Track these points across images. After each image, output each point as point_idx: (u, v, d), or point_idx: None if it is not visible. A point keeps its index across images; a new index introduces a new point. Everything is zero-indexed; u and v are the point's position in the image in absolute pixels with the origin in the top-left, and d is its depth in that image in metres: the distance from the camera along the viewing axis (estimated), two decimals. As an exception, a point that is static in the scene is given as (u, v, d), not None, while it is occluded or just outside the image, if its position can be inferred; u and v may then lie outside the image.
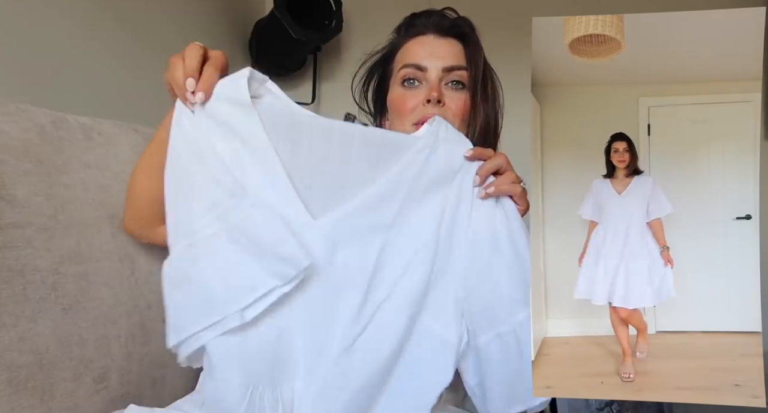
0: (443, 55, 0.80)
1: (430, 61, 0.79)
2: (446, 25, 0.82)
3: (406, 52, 0.83)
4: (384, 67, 0.88)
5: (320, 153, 0.66)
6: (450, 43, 0.81)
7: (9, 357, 0.57)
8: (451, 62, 0.80)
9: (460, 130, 0.74)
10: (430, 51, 0.80)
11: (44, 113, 0.71)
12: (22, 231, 0.61)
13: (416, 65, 0.80)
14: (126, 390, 0.72)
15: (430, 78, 0.79)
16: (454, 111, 0.78)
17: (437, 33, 0.82)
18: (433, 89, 0.78)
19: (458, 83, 0.80)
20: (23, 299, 0.60)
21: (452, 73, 0.80)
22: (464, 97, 0.80)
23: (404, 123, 0.80)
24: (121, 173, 0.80)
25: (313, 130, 0.66)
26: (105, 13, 1.17)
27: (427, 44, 0.81)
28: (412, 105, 0.79)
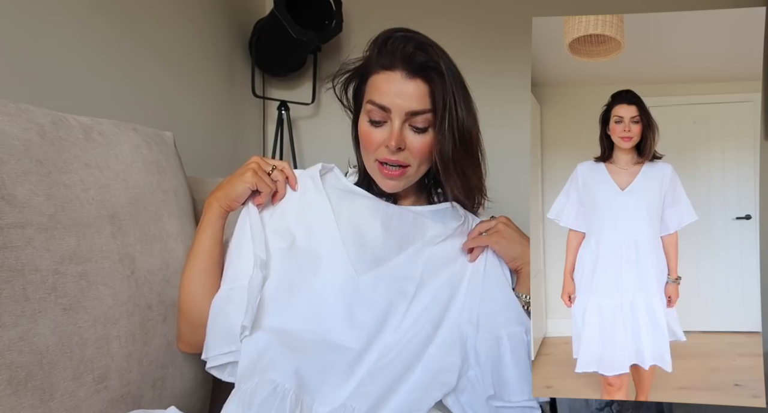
0: (408, 98, 0.79)
1: (394, 104, 0.79)
2: (416, 64, 0.80)
3: (374, 86, 0.82)
4: (360, 80, 0.88)
5: (367, 226, 0.84)
6: (416, 86, 0.80)
7: (9, 357, 0.57)
8: (415, 106, 0.79)
9: (421, 167, 0.85)
10: (396, 91, 0.80)
11: (44, 113, 0.71)
12: (22, 231, 0.61)
13: (380, 106, 0.80)
14: (126, 390, 0.72)
15: (393, 121, 0.80)
16: (414, 153, 0.82)
17: (406, 71, 0.80)
18: (392, 137, 0.79)
19: (421, 129, 0.81)
20: (23, 299, 0.60)
21: (416, 117, 0.80)
22: (426, 138, 0.81)
23: (368, 158, 0.85)
24: (121, 173, 0.80)
25: (363, 207, 0.86)
26: (105, 14, 1.17)
27: (394, 83, 0.80)
28: (376, 143, 0.82)
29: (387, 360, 0.74)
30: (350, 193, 0.88)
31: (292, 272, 0.80)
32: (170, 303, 0.84)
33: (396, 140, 0.79)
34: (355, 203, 0.87)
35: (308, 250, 0.82)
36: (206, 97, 1.69)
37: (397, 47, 0.81)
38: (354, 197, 0.87)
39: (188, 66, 1.57)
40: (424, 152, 0.82)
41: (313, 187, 0.87)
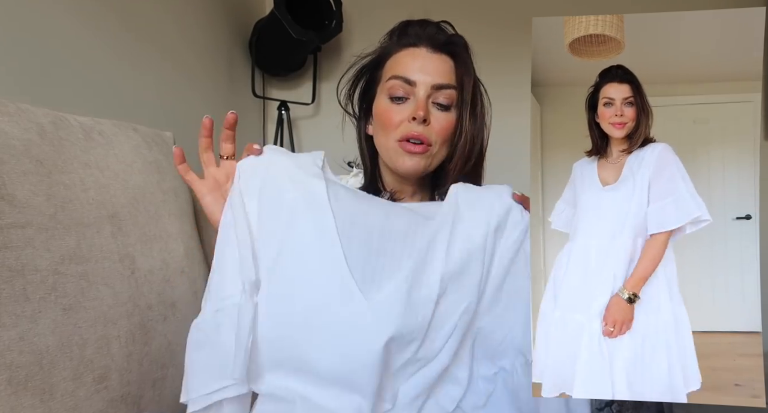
0: (433, 72, 0.79)
1: (420, 76, 0.79)
2: (440, 40, 0.81)
3: (397, 62, 0.82)
4: (372, 73, 0.87)
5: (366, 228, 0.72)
6: (442, 60, 0.80)
7: (9, 357, 0.57)
8: (440, 80, 0.79)
9: (441, 149, 0.80)
10: (421, 65, 0.79)
11: (44, 113, 0.71)
12: (22, 231, 0.61)
13: (405, 79, 0.79)
14: (126, 390, 0.72)
15: (418, 94, 0.79)
16: (437, 131, 0.79)
17: (430, 47, 0.80)
18: (419, 108, 0.78)
19: (444, 106, 0.80)
20: (23, 299, 0.60)
21: (441, 91, 0.79)
22: (450, 117, 0.80)
23: (388, 138, 0.81)
24: (121, 173, 0.80)
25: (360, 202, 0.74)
26: (105, 13, 1.17)
27: (419, 58, 0.80)
28: (397, 120, 0.79)
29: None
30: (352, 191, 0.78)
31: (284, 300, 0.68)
32: (170, 303, 0.84)
33: (424, 111, 0.77)
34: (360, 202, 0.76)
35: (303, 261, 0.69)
36: (206, 98, 1.69)
37: (420, 29, 0.82)
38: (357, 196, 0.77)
39: (188, 66, 1.57)
40: (446, 130, 0.80)
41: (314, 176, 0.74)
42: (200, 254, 0.98)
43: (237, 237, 0.69)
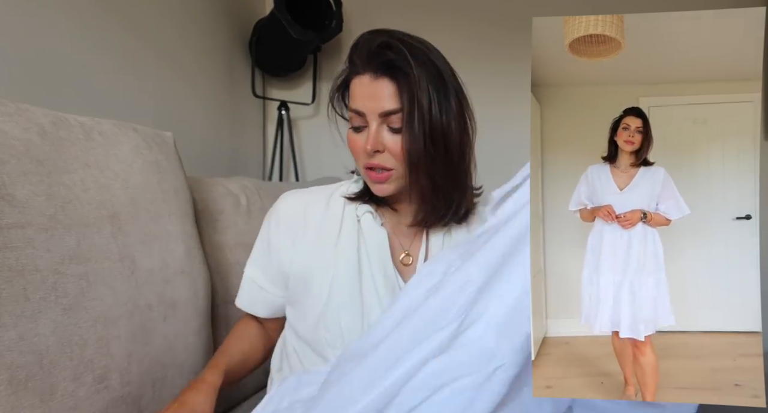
0: (378, 99, 0.79)
1: (366, 107, 0.80)
2: (381, 63, 0.79)
3: (352, 92, 0.83)
4: (345, 88, 0.88)
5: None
6: (382, 86, 0.79)
7: (9, 357, 0.57)
8: (384, 106, 0.79)
9: (401, 168, 0.81)
10: (366, 94, 0.80)
11: (44, 113, 0.71)
12: (22, 231, 0.61)
13: (356, 111, 0.81)
14: (126, 390, 0.72)
15: (370, 123, 0.80)
16: (395, 154, 0.80)
17: (372, 73, 0.80)
18: (368, 141, 0.79)
19: (395, 129, 0.80)
20: (23, 299, 0.60)
21: (389, 117, 0.79)
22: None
23: (359, 165, 0.84)
24: (121, 173, 0.80)
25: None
26: (105, 14, 1.17)
27: (365, 86, 0.80)
28: (359, 149, 0.82)
29: None
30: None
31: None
32: (170, 303, 0.84)
33: (371, 143, 0.79)
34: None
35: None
36: (206, 98, 1.69)
37: (363, 49, 0.81)
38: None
39: (188, 66, 1.57)
40: (401, 152, 0.80)
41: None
42: (200, 254, 0.98)
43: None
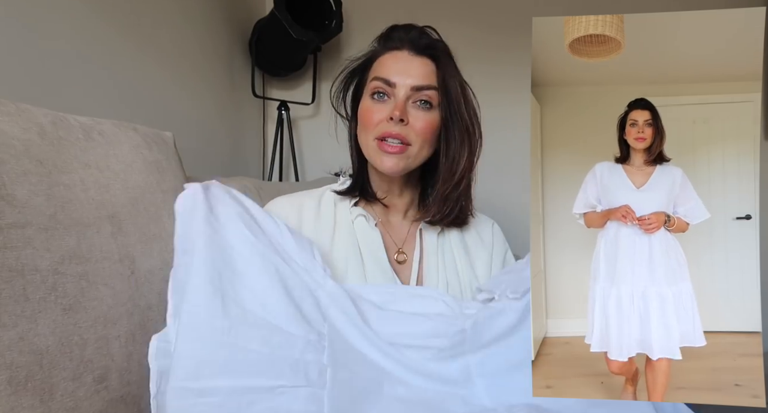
0: (414, 74, 0.81)
1: (400, 78, 0.81)
2: (422, 44, 0.83)
3: (380, 65, 0.84)
4: (361, 76, 0.89)
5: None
6: (423, 63, 0.82)
7: (9, 357, 0.57)
8: (420, 81, 0.80)
9: (422, 150, 0.82)
10: (402, 67, 0.81)
11: (44, 113, 0.71)
12: (22, 231, 0.61)
13: (386, 80, 0.81)
14: (126, 390, 0.72)
15: (397, 95, 0.80)
16: (417, 130, 0.80)
17: (412, 50, 0.83)
18: (396, 108, 0.79)
19: (426, 103, 0.81)
20: (23, 299, 0.60)
21: (421, 92, 0.80)
22: (431, 117, 0.81)
23: (368, 136, 0.83)
24: (121, 173, 0.80)
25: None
26: (105, 14, 1.17)
27: (401, 60, 0.82)
28: (377, 119, 0.81)
29: None
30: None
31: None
32: (170, 303, 0.84)
33: (400, 110, 0.79)
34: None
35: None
36: (206, 98, 1.69)
37: (403, 33, 0.84)
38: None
39: (188, 66, 1.57)
40: (427, 130, 0.81)
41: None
42: (200, 254, 0.98)
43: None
